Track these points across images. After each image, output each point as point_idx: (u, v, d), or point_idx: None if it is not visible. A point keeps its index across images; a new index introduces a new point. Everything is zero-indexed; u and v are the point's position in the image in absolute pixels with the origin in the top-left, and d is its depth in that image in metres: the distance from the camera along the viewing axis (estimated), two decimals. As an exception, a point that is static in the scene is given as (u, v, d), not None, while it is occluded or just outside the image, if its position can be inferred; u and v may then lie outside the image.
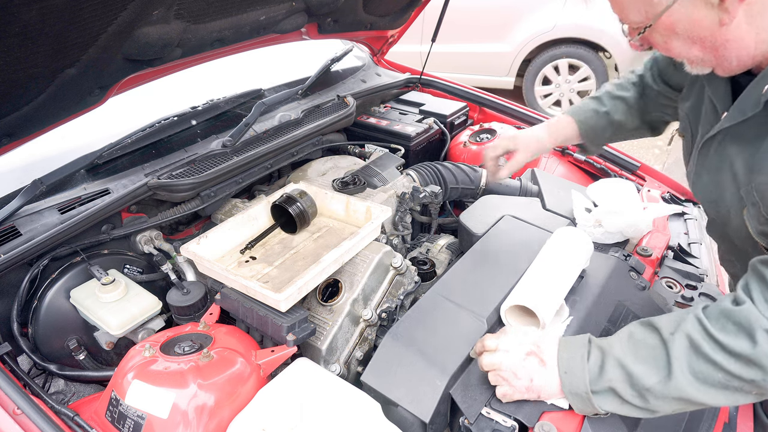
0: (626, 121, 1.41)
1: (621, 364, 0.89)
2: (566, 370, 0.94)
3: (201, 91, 1.97)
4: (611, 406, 0.91)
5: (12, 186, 1.44)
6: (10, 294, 1.29)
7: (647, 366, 0.87)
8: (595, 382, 0.91)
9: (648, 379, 0.87)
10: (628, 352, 0.90)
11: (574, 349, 0.95)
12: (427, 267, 1.54)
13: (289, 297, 1.15)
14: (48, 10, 1.02)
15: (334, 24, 2.05)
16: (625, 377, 0.89)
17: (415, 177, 1.81)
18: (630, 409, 0.91)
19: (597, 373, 0.91)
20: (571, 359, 0.94)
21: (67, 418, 1.00)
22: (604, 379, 0.90)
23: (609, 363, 0.91)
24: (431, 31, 2.26)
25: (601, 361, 0.92)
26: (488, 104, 2.39)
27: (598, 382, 0.91)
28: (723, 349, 0.82)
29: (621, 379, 0.89)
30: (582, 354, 0.94)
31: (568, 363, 0.95)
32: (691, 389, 0.84)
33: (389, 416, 1.02)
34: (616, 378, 0.89)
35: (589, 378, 0.91)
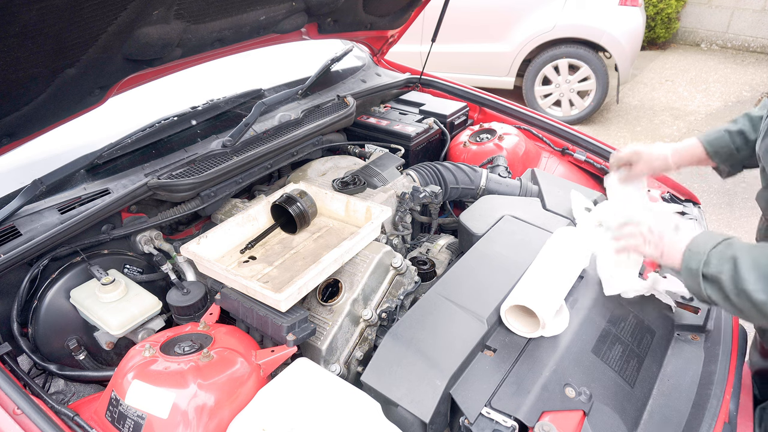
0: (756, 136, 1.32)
1: (735, 264, 0.94)
2: (691, 248, 1.03)
3: (201, 91, 1.97)
4: (714, 295, 0.98)
5: (12, 186, 1.44)
6: (10, 294, 1.29)
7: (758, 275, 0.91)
8: (711, 266, 0.98)
9: (751, 285, 0.91)
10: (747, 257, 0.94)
11: (707, 235, 1.03)
12: (427, 267, 1.54)
13: (289, 297, 1.15)
14: (48, 10, 1.02)
15: (334, 24, 2.05)
16: (734, 275, 0.94)
17: (415, 177, 1.81)
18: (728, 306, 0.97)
19: (717, 260, 0.98)
20: (702, 242, 1.02)
21: (67, 418, 1.00)
22: (718, 269, 0.97)
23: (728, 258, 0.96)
24: (431, 31, 2.26)
25: (722, 253, 0.98)
26: (488, 104, 2.39)
27: (712, 268, 0.98)
28: None
29: (729, 275, 0.95)
30: (712, 241, 1.01)
31: (697, 242, 1.03)
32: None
33: (389, 416, 1.02)
34: (726, 273, 0.95)
35: (705, 260, 0.99)
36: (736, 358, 1.24)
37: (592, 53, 4.84)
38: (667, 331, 1.29)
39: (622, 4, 4.77)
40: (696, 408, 1.11)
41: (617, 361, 1.14)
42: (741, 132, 1.34)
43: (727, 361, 1.21)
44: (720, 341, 1.26)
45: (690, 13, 7.52)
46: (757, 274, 0.91)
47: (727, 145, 1.35)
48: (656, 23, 7.22)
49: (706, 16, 7.42)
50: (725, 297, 0.96)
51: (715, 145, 1.36)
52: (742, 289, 0.92)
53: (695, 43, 7.67)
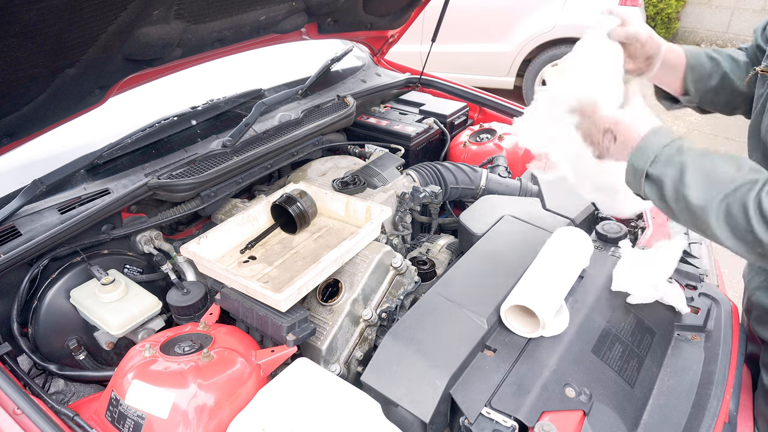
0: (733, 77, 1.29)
1: (682, 170, 0.94)
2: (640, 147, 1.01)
3: (201, 91, 1.97)
4: (651, 194, 1.00)
5: (12, 186, 1.44)
6: (10, 294, 1.29)
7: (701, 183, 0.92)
8: (655, 167, 0.97)
9: (691, 193, 0.92)
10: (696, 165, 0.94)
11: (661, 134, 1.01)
12: (427, 267, 1.54)
13: (289, 297, 1.15)
14: (48, 10, 1.02)
15: (334, 24, 2.05)
16: (677, 179, 0.94)
17: (415, 177, 1.81)
18: (662, 207, 0.99)
19: (662, 162, 0.97)
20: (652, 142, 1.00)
21: (67, 418, 1.00)
22: (662, 171, 0.96)
23: (675, 162, 0.96)
24: (431, 31, 2.26)
25: (670, 156, 0.97)
26: (488, 104, 2.39)
27: (656, 169, 0.97)
28: None
29: (671, 179, 0.95)
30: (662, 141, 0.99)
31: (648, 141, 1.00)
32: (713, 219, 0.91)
33: (389, 416, 1.02)
34: (670, 176, 0.95)
35: (652, 160, 0.98)
36: (736, 358, 1.24)
37: (592, 53, 4.84)
38: (667, 331, 1.29)
39: (622, 4, 4.77)
40: (696, 408, 1.11)
41: (617, 361, 1.14)
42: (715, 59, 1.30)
43: (727, 361, 1.21)
44: (720, 341, 1.26)
45: (690, 13, 7.52)
46: (700, 182, 0.92)
47: (704, 64, 1.30)
48: (656, 23, 7.22)
49: (706, 16, 7.42)
50: (662, 197, 0.97)
51: (696, 58, 1.30)
52: (682, 194, 0.93)
53: (695, 43, 7.66)
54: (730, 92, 1.31)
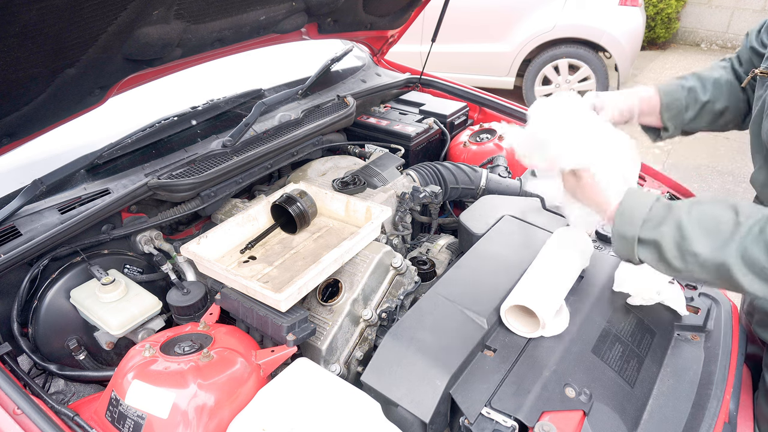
0: (713, 99, 1.30)
1: (679, 226, 0.91)
2: (622, 212, 0.98)
3: (201, 91, 1.97)
4: (648, 258, 0.96)
5: (12, 186, 1.44)
6: (10, 294, 1.29)
7: (705, 235, 0.88)
8: (647, 231, 0.94)
9: (699, 246, 0.88)
10: (692, 218, 0.91)
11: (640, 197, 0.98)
12: (427, 267, 1.54)
13: (289, 297, 1.15)
14: (48, 10, 1.02)
15: (334, 24, 2.05)
16: (677, 238, 0.90)
17: (415, 177, 1.81)
18: (663, 267, 0.94)
19: (654, 223, 0.93)
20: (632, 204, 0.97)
21: (67, 418, 1.00)
22: (656, 232, 0.93)
23: (670, 220, 0.92)
24: (431, 31, 2.26)
25: (662, 216, 0.94)
26: (488, 104, 2.39)
27: (650, 232, 0.93)
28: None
29: (671, 238, 0.91)
30: (645, 202, 0.96)
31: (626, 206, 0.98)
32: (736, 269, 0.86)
33: (389, 416, 1.02)
34: (668, 235, 0.91)
35: (642, 225, 0.94)
36: (736, 358, 1.24)
37: (592, 53, 4.84)
38: (667, 331, 1.29)
39: (622, 4, 4.77)
40: (696, 408, 1.11)
41: (617, 361, 1.14)
42: (692, 89, 1.31)
43: (727, 361, 1.21)
44: (720, 341, 1.26)
45: (690, 13, 7.52)
46: (704, 234, 0.88)
47: (679, 99, 1.31)
48: (656, 23, 7.22)
49: (706, 16, 7.42)
50: (661, 259, 0.93)
51: (671, 96, 1.31)
52: (689, 251, 0.89)
53: (695, 43, 7.67)
54: (712, 116, 1.33)
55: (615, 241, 1.00)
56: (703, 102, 1.31)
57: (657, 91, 1.32)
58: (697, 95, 1.31)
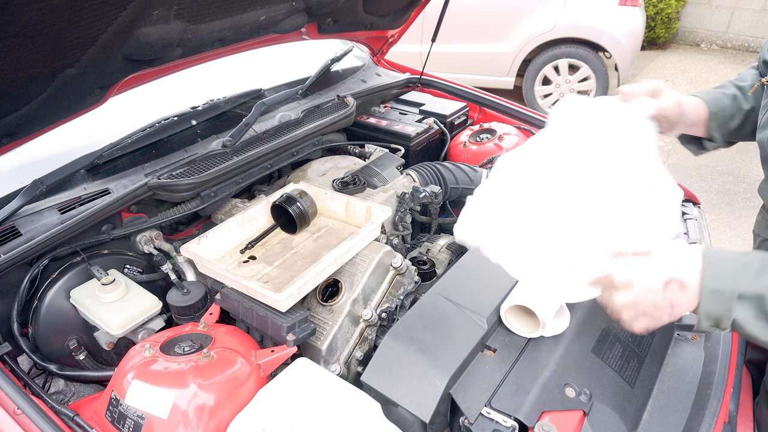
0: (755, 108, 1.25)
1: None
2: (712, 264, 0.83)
3: (201, 91, 1.97)
4: (746, 316, 0.82)
5: (12, 186, 1.44)
6: (10, 294, 1.29)
7: None
8: (747, 284, 0.81)
9: None
10: None
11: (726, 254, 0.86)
12: (427, 267, 1.54)
13: (289, 297, 1.15)
14: (48, 10, 1.02)
15: (334, 24, 2.05)
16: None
17: (415, 177, 1.81)
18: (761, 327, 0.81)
19: (752, 276, 0.81)
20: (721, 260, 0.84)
21: (67, 418, 1.00)
22: (758, 284, 0.81)
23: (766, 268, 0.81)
24: (431, 31, 2.26)
25: (760, 266, 0.82)
26: (488, 104, 2.39)
27: (751, 285, 0.81)
28: None
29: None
30: (732, 255, 0.85)
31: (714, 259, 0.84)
32: None
33: (389, 416, 1.02)
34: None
35: (739, 278, 0.82)
36: (736, 358, 1.24)
37: (592, 53, 4.84)
38: (667, 331, 1.29)
39: (622, 4, 4.77)
40: (696, 408, 1.11)
41: (617, 361, 1.14)
42: (735, 97, 1.26)
43: (727, 361, 1.21)
44: (720, 341, 1.26)
45: (690, 13, 7.52)
46: None
47: (725, 108, 1.25)
48: (656, 23, 7.22)
49: (706, 16, 7.42)
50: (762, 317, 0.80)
51: (717, 104, 1.24)
52: None
53: (695, 43, 7.67)
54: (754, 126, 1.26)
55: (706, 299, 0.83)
56: (746, 110, 1.26)
57: (701, 98, 1.25)
58: (741, 103, 1.26)
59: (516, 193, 0.93)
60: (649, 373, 1.17)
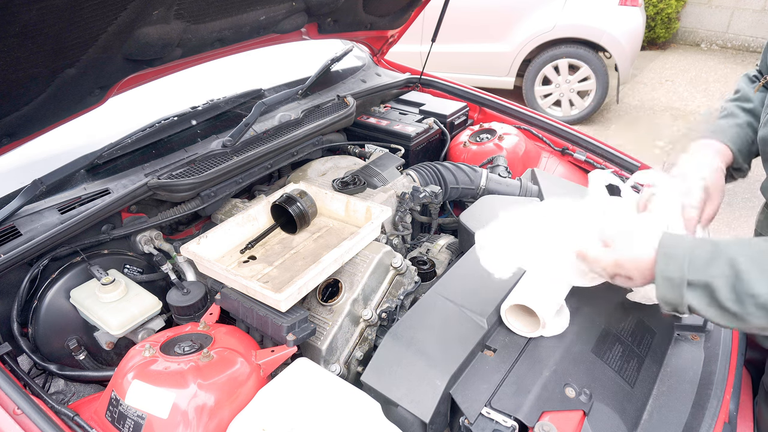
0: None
1: (733, 264, 0.82)
2: (665, 253, 0.89)
3: (201, 91, 1.97)
4: (698, 304, 0.86)
5: (12, 186, 1.44)
6: (10, 294, 1.29)
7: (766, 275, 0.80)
8: (696, 272, 0.84)
9: (759, 287, 0.79)
10: (747, 256, 0.82)
11: (680, 238, 0.90)
12: (427, 267, 1.54)
13: (289, 297, 1.15)
14: (48, 10, 1.02)
15: (334, 24, 2.05)
16: (732, 278, 0.82)
17: (415, 177, 1.81)
18: (716, 313, 0.85)
19: (701, 264, 0.84)
20: (673, 245, 0.89)
21: (67, 418, 1.00)
22: (706, 273, 0.84)
23: (720, 259, 0.84)
24: (431, 31, 2.26)
25: (710, 255, 0.85)
26: (488, 104, 2.39)
27: (698, 273, 0.84)
28: None
29: (725, 278, 0.82)
30: (687, 242, 0.88)
31: (668, 247, 0.89)
32: None
33: (389, 416, 1.02)
34: (721, 275, 0.83)
35: (688, 266, 0.85)
36: (736, 358, 1.24)
37: (592, 53, 4.84)
38: (667, 331, 1.29)
39: (622, 4, 4.77)
40: (696, 408, 1.11)
41: (617, 361, 1.14)
42: (750, 124, 1.28)
43: (727, 361, 1.21)
44: (720, 341, 1.26)
45: (690, 13, 7.52)
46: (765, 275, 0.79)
47: (746, 140, 1.26)
48: (656, 23, 7.23)
49: (706, 16, 7.42)
50: (713, 303, 0.84)
51: (738, 142, 1.26)
52: (747, 293, 0.80)
53: (695, 43, 7.67)
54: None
55: (659, 284, 0.90)
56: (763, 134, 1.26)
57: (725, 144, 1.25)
58: (756, 128, 1.27)
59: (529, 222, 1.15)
60: (649, 373, 1.17)
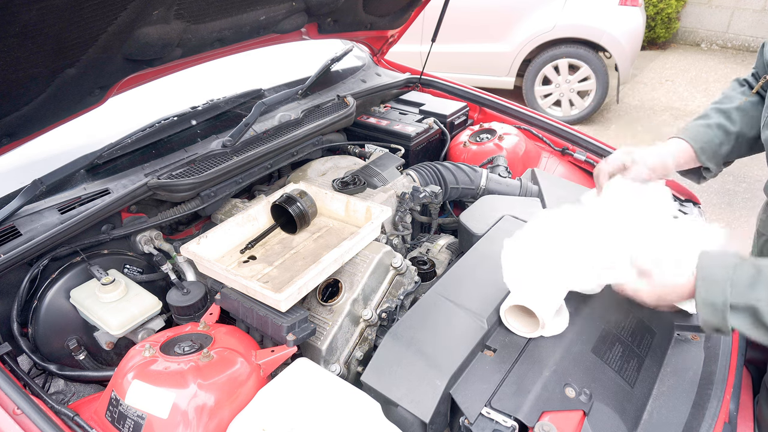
0: (745, 130, 1.29)
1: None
2: (704, 277, 0.88)
3: (201, 91, 1.97)
4: (742, 325, 0.86)
5: (12, 186, 1.44)
6: (10, 294, 1.29)
7: None
8: (739, 295, 0.85)
9: None
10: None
11: (718, 258, 0.90)
12: (427, 267, 1.54)
13: (289, 297, 1.15)
14: (48, 10, 1.02)
15: (334, 24, 2.05)
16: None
17: (415, 177, 1.81)
18: (760, 333, 0.85)
19: (744, 287, 0.85)
20: (712, 267, 0.89)
21: (67, 418, 1.00)
22: (750, 296, 0.84)
23: (762, 281, 0.83)
24: (431, 31, 2.26)
25: (752, 279, 0.85)
26: (488, 104, 2.39)
27: (742, 297, 0.84)
28: None
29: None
30: (727, 264, 0.88)
31: (708, 270, 0.89)
32: None
33: (389, 416, 1.02)
34: (765, 298, 0.82)
35: (731, 290, 0.85)
36: (736, 358, 1.24)
37: (592, 53, 4.84)
38: (667, 331, 1.29)
39: (622, 4, 4.77)
40: (696, 408, 1.11)
41: (617, 361, 1.14)
42: (720, 125, 1.29)
43: (727, 360, 1.21)
44: (720, 341, 1.26)
45: (690, 13, 7.52)
46: None
47: (712, 140, 1.28)
48: (656, 23, 7.22)
49: (706, 16, 7.42)
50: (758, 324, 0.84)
51: (701, 141, 1.29)
52: None
53: (695, 43, 7.67)
54: (747, 144, 1.31)
55: (701, 309, 0.91)
56: (736, 133, 1.28)
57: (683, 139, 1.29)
58: (728, 129, 1.28)
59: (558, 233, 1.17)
60: (649, 373, 1.17)
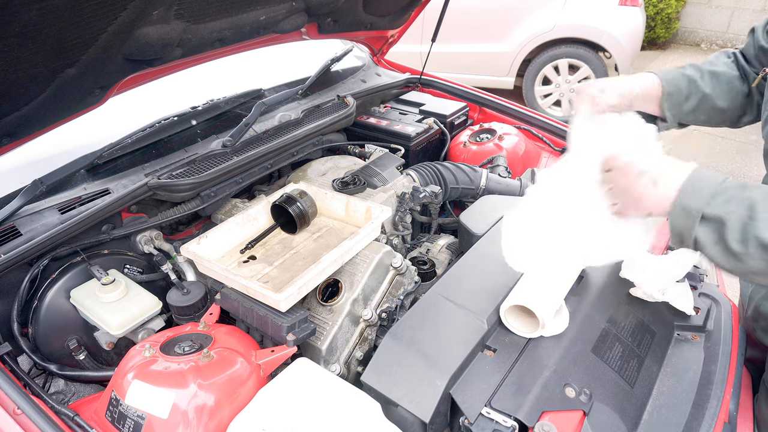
0: (713, 94, 1.26)
1: (752, 206, 0.82)
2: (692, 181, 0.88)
3: (201, 91, 1.97)
4: (707, 238, 0.86)
5: (12, 186, 1.44)
6: (10, 294, 1.29)
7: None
8: (714, 206, 0.84)
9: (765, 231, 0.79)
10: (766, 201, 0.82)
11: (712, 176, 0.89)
12: (427, 267, 1.54)
13: (289, 297, 1.15)
14: (48, 10, 1.02)
15: (334, 24, 2.05)
16: (745, 219, 0.82)
17: (415, 177, 1.81)
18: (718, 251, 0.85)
19: (723, 200, 0.84)
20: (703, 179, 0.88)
21: (67, 418, 1.00)
22: (724, 208, 0.83)
23: (740, 199, 0.83)
24: (431, 31, 2.26)
25: (733, 194, 0.84)
26: (488, 104, 2.39)
27: (717, 208, 0.84)
28: None
29: (738, 218, 0.82)
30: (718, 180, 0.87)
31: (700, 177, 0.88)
32: None
33: (389, 416, 1.02)
34: (735, 213, 0.82)
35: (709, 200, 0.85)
36: (736, 358, 1.24)
37: (592, 53, 4.84)
38: (667, 331, 1.29)
39: (622, 4, 4.77)
40: (696, 408, 1.11)
41: (617, 361, 1.14)
42: (692, 79, 1.27)
43: (727, 361, 1.21)
44: (720, 341, 1.26)
45: (690, 13, 7.52)
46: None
47: (681, 88, 1.26)
48: (656, 23, 7.22)
49: (706, 16, 7.42)
50: (720, 240, 0.84)
51: (673, 84, 1.25)
52: (753, 235, 0.80)
53: (695, 43, 7.67)
54: (710, 110, 1.29)
55: (674, 215, 0.89)
56: (704, 93, 1.27)
57: (658, 77, 1.27)
58: (698, 85, 1.26)
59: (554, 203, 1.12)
60: (649, 373, 1.17)
